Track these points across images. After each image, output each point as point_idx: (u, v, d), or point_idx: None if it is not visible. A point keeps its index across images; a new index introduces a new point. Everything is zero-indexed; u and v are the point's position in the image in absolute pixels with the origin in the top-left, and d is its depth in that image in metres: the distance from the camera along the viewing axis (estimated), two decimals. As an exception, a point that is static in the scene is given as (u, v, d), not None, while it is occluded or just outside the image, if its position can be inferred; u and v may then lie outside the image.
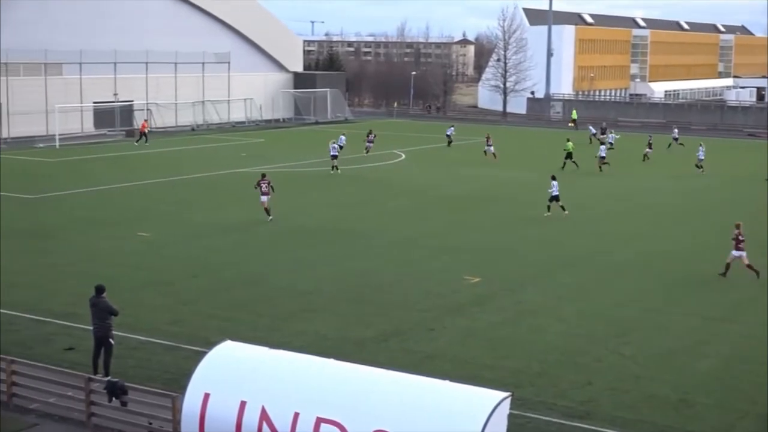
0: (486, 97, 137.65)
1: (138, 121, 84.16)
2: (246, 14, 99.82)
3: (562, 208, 43.83)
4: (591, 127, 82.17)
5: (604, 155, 62.57)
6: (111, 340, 21.12)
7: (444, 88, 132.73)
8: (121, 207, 44.82)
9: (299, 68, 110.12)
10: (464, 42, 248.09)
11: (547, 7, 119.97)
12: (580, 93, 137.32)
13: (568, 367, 22.72)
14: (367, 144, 69.10)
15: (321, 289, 29.70)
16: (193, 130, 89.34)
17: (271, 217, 41.18)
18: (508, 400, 14.43)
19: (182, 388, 16.36)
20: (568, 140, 65.27)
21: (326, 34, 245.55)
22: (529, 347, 24.23)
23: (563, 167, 60.36)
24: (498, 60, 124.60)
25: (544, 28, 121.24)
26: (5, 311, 26.49)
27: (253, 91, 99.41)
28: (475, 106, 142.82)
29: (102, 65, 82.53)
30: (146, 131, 76.36)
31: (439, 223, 42.27)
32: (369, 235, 38.97)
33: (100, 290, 21.36)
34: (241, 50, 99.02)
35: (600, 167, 61.36)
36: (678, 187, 55.14)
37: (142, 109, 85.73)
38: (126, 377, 20.15)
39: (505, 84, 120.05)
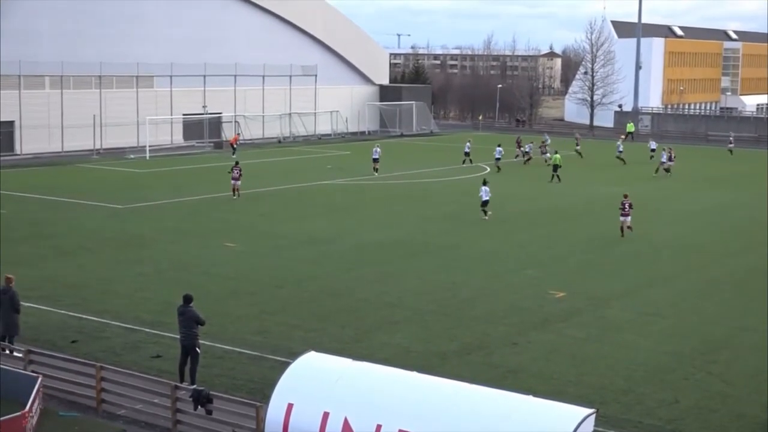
0: (573, 110, 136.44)
1: (227, 133, 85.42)
2: (333, 28, 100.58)
3: (485, 212, 45.83)
4: (652, 142, 80.00)
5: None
6: (197, 348, 21.40)
7: (530, 101, 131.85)
8: (208, 218, 45.45)
9: (385, 81, 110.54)
10: (551, 55, 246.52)
11: (636, 20, 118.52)
12: (669, 106, 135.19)
13: (654, 385, 22.34)
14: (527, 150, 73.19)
15: (405, 302, 29.70)
16: (279, 142, 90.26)
17: (236, 197, 50.38)
18: (593, 417, 14.25)
19: (266, 398, 16.50)
20: (556, 152, 65.26)
21: (412, 47, 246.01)
22: (615, 363, 23.89)
23: (551, 180, 60.88)
24: (585, 73, 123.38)
25: (633, 40, 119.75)
26: (95, 318, 27.04)
27: (340, 104, 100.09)
28: (562, 119, 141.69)
29: (191, 78, 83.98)
30: (235, 144, 77.65)
31: (523, 236, 41.99)
32: (454, 248, 38.87)
33: (188, 299, 21.67)
34: (328, 63, 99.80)
35: (661, 170, 64.11)
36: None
37: (230, 122, 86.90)
38: (211, 386, 20.40)
39: (592, 97, 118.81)
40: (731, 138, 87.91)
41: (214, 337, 24.54)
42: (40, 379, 19.95)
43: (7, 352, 22.63)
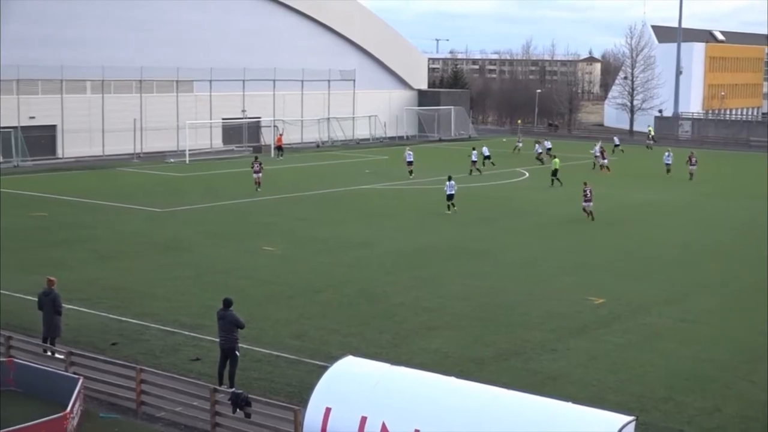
0: (612, 115, 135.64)
1: (265, 137, 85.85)
2: (372, 32, 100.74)
3: (452, 205, 48.45)
4: (668, 155, 76.99)
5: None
6: (237, 352, 21.50)
7: (569, 105, 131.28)
8: (247, 221, 45.65)
9: (424, 86, 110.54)
10: (590, 59, 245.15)
11: (676, 25, 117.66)
12: (710, 112, 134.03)
13: (695, 393, 22.13)
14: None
15: (443, 307, 29.65)
16: (318, 146, 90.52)
17: (259, 190, 54.80)
18: (633, 425, 14.16)
19: (304, 402, 16.55)
20: (554, 157, 65.44)
21: (451, 52, 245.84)
22: (655, 371, 23.70)
23: (552, 185, 61.21)
24: (625, 78, 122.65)
25: (673, 45, 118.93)
26: (136, 321, 27.25)
27: (378, 109, 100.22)
28: (601, 125, 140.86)
29: (231, 82, 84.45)
30: (281, 145, 78.14)
31: (562, 242, 41.79)
32: (492, 253, 38.77)
33: (228, 303, 21.78)
34: (366, 68, 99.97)
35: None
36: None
37: (269, 126, 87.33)
38: (250, 389, 20.49)
39: (632, 102, 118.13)
40: (616, 137, 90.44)
41: (252, 340, 24.64)
42: (81, 381, 20.14)
43: (49, 353, 22.87)
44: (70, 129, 74.55)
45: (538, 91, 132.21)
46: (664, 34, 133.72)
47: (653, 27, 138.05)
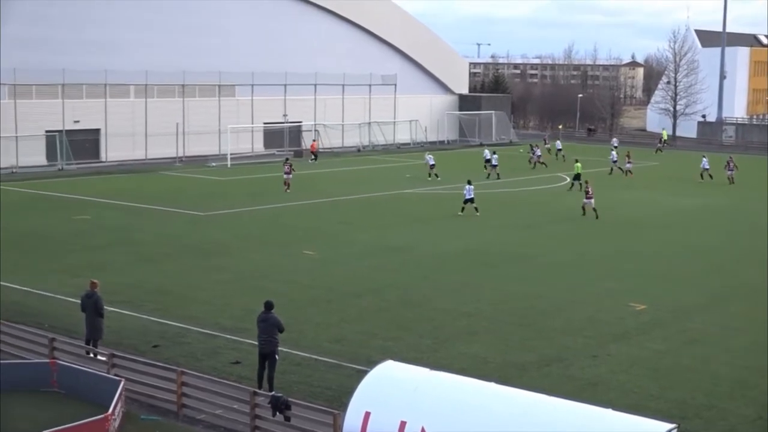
0: (655, 120, 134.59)
1: (306, 141, 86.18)
2: (413, 37, 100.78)
3: (473, 209, 49.04)
4: (704, 160, 74.72)
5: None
6: (276, 355, 21.59)
7: (611, 110, 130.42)
8: (288, 225, 45.81)
9: (465, 90, 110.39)
10: (633, 64, 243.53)
11: (720, 29, 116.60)
12: (754, 117, 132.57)
13: (737, 400, 21.91)
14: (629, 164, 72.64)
15: (483, 312, 29.59)
16: (359, 150, 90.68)
17: (288, 190, 57.21)
18: (674, 432, 14.03)
19: (344, 406, 16.57)
20: (576, 161, 65.30)
21: (492, 57, 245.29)
22: (697, 378, 23.49)
23: (571, 188, 61.52)
24: (668, 82, 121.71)
25: (717, 50, 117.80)
26: (177, 324, 27.44)
27: (419, 113, 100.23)
28: (644, 130, 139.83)
29: (272, 87, 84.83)
30: (316, 150, 78.42)
31: (602, 247, 41.55)
32: (533, 258, 38.63)
33: (269, 306, 21.88)
34: (407, 72, 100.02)
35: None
36: None
37: (310, 130, 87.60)
38: (289, 393, 20.55)
39: (675, 107, 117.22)
40: (558, 141, 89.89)
41: (292, 344, 24.72)
42: (122, 383, 20.32)
43: (91, 355, 23.08)
44: (113, 132, 75.29)
45: (580, 95, 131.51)
46: (707, 38, 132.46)
47: (697, 31, 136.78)
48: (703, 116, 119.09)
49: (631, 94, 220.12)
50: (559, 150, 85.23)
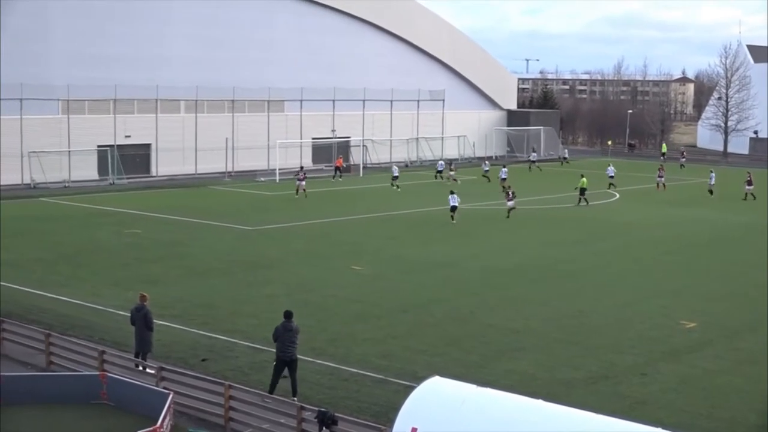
0: (706, 136, 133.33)
1: (354, 157, 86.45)
2: (462, 52, 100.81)
3: (452, 218, 50.94)
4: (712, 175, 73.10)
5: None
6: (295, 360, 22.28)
7: (661, 126, 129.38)
8: (335, 240, 45.93)
9: (513, 106, 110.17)
10: (684, 80, 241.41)
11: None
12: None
13: (790, 421, 21.58)
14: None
15: (531, 328, 29.44)
16: (406, 166, 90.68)
17: (297, 196, 60.90)
18: (725, 452, 13.84)
19: (390, 422, 16.54)
20: (582, 176, 64.09)
21: (541, 72, 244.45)
22: (748, 397, 23.17)
23: (578, 203, 60.92)
24: (719, 98, 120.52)
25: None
26: (225, 338, 27.60)
27: (467, 129, 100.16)
28: (694, 146, 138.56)
29: (321, 102, 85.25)
30: (341, 167, 78.47)
31: (651, 264, 41.16)
32: (581, 274, 38.39)
33: (291, 315, 22.58)
34: (455, 88, 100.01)
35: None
36: None
37: (358, 145, 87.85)
38: (336, 408, 20.57)
39: (726, 123, 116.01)
40: (534, 153, 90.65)
41: (340, 359, 24.76)
42: (171, 396, 20.46)
43: (141, 368, 23.28)
44: (163, 147, 76.07)
45: (630, 111, 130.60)
46: (760, 53, 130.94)
47: (749, 46, 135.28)
48: (755, 132, 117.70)
49: (682, 110, 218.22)
50: (565, 158, 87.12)
